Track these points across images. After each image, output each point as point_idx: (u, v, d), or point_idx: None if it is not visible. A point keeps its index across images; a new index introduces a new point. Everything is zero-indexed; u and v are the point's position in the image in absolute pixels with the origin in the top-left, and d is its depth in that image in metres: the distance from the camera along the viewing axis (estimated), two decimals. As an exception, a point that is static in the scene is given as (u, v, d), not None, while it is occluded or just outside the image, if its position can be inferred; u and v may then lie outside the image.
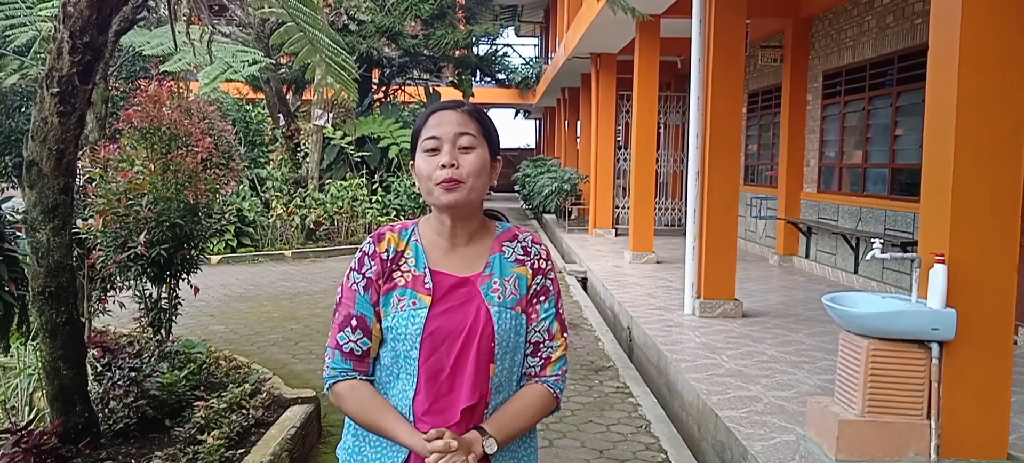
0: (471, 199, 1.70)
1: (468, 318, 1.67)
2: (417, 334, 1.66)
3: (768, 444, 4.06)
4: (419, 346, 1.66)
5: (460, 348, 1.66)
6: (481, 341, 1.66)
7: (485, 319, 1.67)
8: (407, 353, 1.67)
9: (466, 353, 1.66)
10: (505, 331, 1.69)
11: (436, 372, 1.66)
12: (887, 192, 8.62)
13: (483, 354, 1.67)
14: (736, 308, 7.23)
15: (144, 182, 5.19)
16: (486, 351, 1.67)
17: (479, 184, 1.69)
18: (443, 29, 20.31)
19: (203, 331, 7.26)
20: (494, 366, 1.68)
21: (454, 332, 1.67)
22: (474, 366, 1.66)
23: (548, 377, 1.76)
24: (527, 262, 1.77)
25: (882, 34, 8.75)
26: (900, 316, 3.58)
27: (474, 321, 1.67)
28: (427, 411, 1.66)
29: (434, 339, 1.66)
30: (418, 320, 1.66)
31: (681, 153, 14.85)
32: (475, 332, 1.67)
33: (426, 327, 1.66)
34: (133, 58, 10.34)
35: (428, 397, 1.66)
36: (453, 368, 1.66)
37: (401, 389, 1.69)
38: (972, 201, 3.53)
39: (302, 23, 4.35)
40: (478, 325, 1.67)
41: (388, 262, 1.73)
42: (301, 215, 14.01)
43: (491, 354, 1.68)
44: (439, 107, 1.74)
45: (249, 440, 3.99)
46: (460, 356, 1.66)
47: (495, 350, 1.68)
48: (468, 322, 1.67)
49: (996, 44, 3.49)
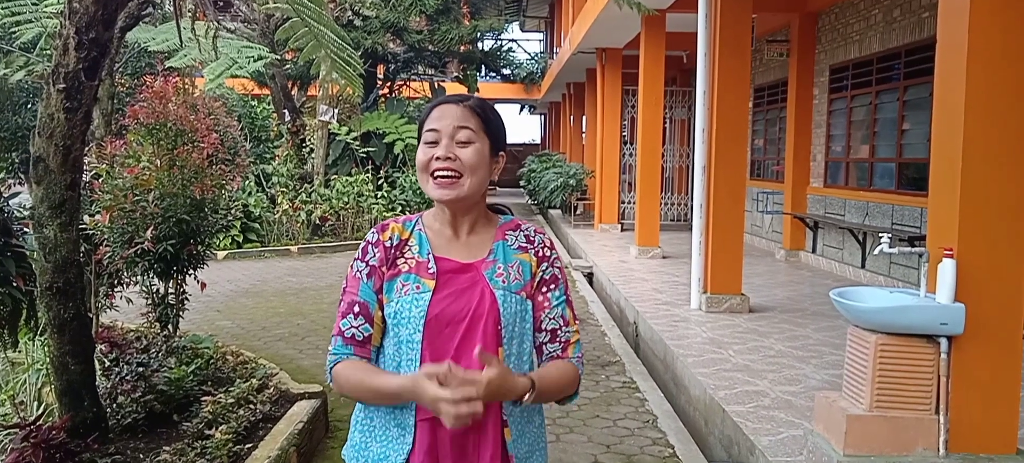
0: (465, 195, 1.69)
1: (472, 302, 1.67)
2: (420, 318, 1.66)
3: (776, 439, 4.06)
4: (422, 330, 1.65)
5: (464, 332, 1.66)
6: (487, 325, 1.66)
7: (490, 303, 1.67)
8: (410, 337, 1.66)
9: (471, 337, 1.66)
10: (511, 315, 1.69)
11: (440, 356, 1.65)
12: (894, 186, 8.58)
13: (490, 338, 1.66)
14: (743, 303, 7.22)
15: (150, 178, 5.21)
16: (492, 335, 1.67)
17: (475, 180, 1.69)
18: (448, 24, 20.27)
19: (210, 326, 7.29)
20: (502, 350, 1.68)
21: (458, 316, 1.67)
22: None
23: (571, 357, 1.78)
24: (530, 249, 1.78)
25: (889, 28, 8.71)
26: (908, 311, 3.56)
27: (479, 305, 1.67)
28: None
29: (438, 323, 1.66)
30: (421, 304, 1.66)
31: (687, 148, 14.83)
32: (480, 316, 1.66)
33: (429, 311, 1.66)
34: (139, 54, 10.36)
35: None
36: (457, 352, 1.65)
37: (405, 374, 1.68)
38: (981, 195, 3.50)
39: (307, 18, 4.36)
40: (483, 309, 1.67)
41: (392, 249, 1.73)
42: (307, 210, 14.04)
43: (498, 338, 1.67)
44: (443, 100, 1.75)
45: (256, 435, 4.00)
46: (464, 340, 1.66)
47: (502, 334, 1.68)
48: (473, 306, 1.67)
49: (1005, 38, 3.46)
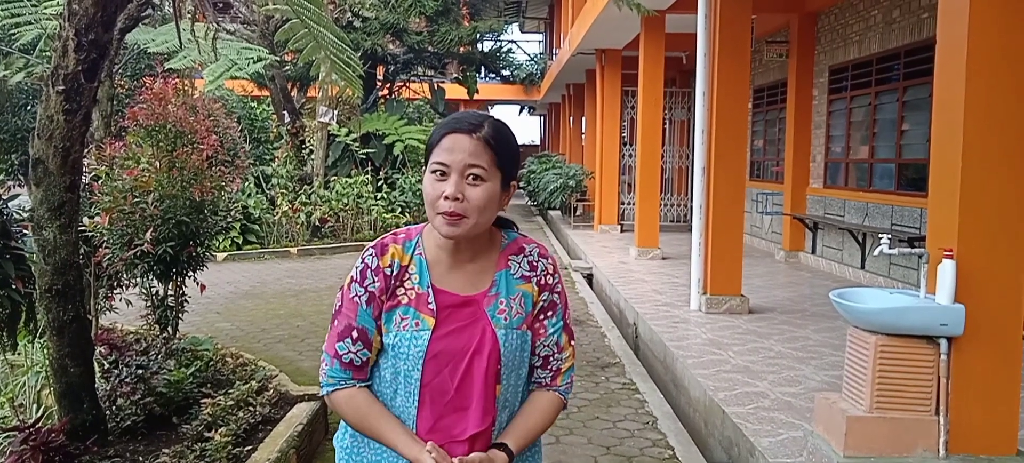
0: (471, 232, 1.62)
1: (473, 340, 1.64)
2: (420, 356, 1.63)
3: (776, 440, 4.05)
4: (421, 368, 1.63)
5: (465, 370, 1.64)
6: (488, 363, 1.64)
7: (491, 342, 1.64)
8: (408, 373, 1.64)
9: (471, 374, 1.64)
10: (511, 352, 1.67)
11: (440, 393, 1.64)
12: (894, 187, 8.58)
13: (490, 376, 1.64)
14: (742, 304, 7.22)
15: (150, 180, 5.20)
16: (493, 373, 1.65)
17: (484, 219, 1.62)
18: (447, 25, 20.27)
19: (209, 328, 7.28)
20: (500, 387, 1.67)
21: (459, 354, 1.63)
22: (482, 388, 1.63)
23: (559, 387, 1.77)
24: (533, 278, 1.73)
25: (888, 29, 8.71)
26: (908, 312, 3.56)
27: (479, 343, 1.64)
28: (431, 429, 1.64)
29: (438, 361, 1.63)
30: (421, 342, 1.63)
31: (686, 149, 14.82)
32: (481, 353, 1.64)
33: (429, 349, 1.63)
34: (138, 56, 10.34)
35: (432, 415, 1.65)
36: (458, 389, 1.64)
37: (402, 404, 1.66)
38: (980, 196, 3.50)
39: (307, 20, 4.35)
40: (484, 347, 1.64)
41: (392, 278, 1.67)
42: (306, 212, 14.03)
43: (497, 375, 1.66)
44: (455, 127, 1.62)
45: (256, 437, 4.00)
46: (465, 377, 1.64)
47: (500, 371, 1.66)
48: (473, 344, 1.64)
49: (1004, 39, 3.46)
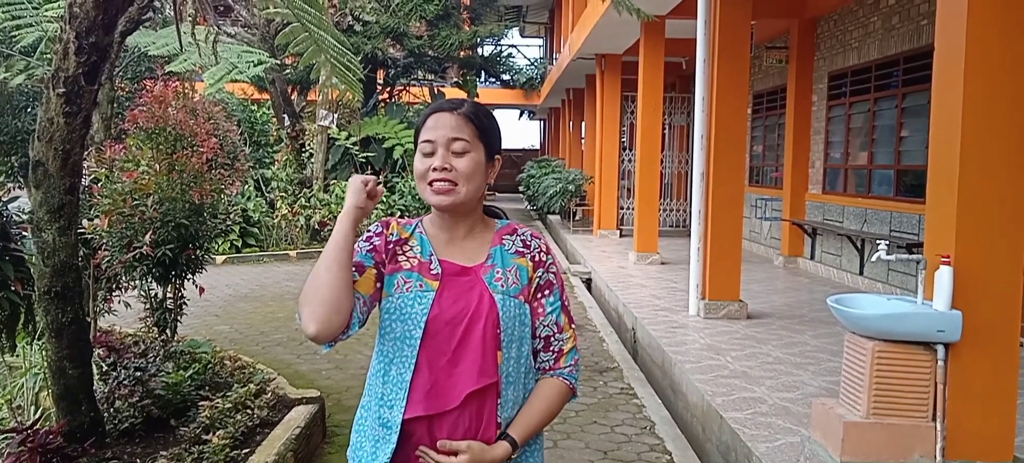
0: (462, 201, 1.73)
1: (471, 304, 1.70)
2: (422, 316, 1.69)
3: (773, 446, 4.06)
4: (422, 327, 1.68)
5: (463, 333, 1.68)
6: (486, 327, 1.68)
7: (489, 305, 1.70)
8: (408, 334, 1.69)
9: (469, 338, 1.68)
10: (510, 318, 1.71)
11: (436, 356, 1.69)
12: (892, 193, 8.60)
13: (489, 340, 1.69)
14: (741, 309, 7.22)
15: (149, 182, 5.21)
16: (492, 337, 1.69)
17: (472, 187, 1.73)
18: (448, 30, 20.32)
19: (208, 331, 7.28)
20: (501, 354, 1.70)
21: (457, 318, 1.69)
22: (480, 352, 1.68)
23: (563, 369, 1.80)
24: (527, 254, 1.80)
25: (888, 35, 8.73)
26: (905, 318, 3.57)
27: (478, 307, 1.70)
28: (427, 393, 1.68)
29: (437, 323, 1.69)
30: (425, 302, 1.70)
31: (686, 154, 14.83)
32: (479, 317, 1.69)
33: (431, 310, 1.69)
34: (139, 59, 10.36)
35: (429, 379, 1.68)
36: (455, 353, 1.68)
37: (398, 371, 1.70)
38: (978, 203, 3.51)
39: (307, 23, 4.37)
40: (482, 311, 1.69)
41: (392, 244, 1.78)
42: (306, 215, 14.04)
43: (497, 341, 1.70)
44: (437, 107, 1.77)
45: (254, 440, 4.00)
46: (462, 341, 1.68)
47: (501, 338, 1.70)
48: (471, 308, 1.70)
49: (1003, 46, 3.48)
